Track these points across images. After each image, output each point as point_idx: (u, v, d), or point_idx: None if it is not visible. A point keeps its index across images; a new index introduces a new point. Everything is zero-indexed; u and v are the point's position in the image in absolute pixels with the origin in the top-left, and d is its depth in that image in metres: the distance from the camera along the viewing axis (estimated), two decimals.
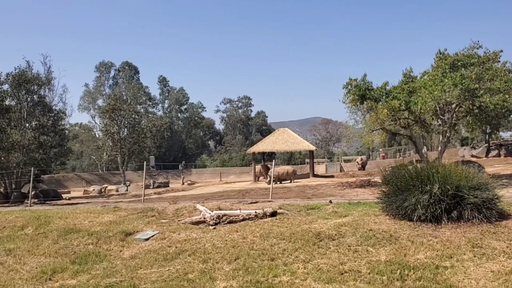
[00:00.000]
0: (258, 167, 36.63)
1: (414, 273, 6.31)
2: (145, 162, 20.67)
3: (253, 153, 36.49)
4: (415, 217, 7.87)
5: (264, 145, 35.63)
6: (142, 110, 57.14)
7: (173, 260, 7.73)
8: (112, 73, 70.89)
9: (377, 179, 27.70)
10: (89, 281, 7.13)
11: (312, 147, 36.70)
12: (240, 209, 10.56)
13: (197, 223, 9.93)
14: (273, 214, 9.84)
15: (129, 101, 47.85)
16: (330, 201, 11.84)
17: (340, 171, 52.61)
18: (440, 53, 24.31)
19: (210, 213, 9.99)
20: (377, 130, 24.80)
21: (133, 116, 46.77)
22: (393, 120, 23.66)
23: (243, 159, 76.95)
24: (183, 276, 6.98)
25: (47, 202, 25.31)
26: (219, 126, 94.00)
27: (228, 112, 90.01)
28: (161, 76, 79.08)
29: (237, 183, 39.58)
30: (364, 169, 45.29)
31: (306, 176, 35.79)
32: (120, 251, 8.61)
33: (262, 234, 8.38)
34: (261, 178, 37.02)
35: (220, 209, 11.02)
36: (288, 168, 34.87)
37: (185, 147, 76.24)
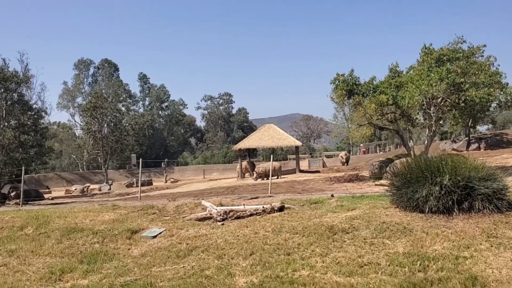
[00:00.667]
0: (244, 164, 36.55)
1: (434, 264, 6.33)
2: (141, 160, 20.35)
3: (239, 149, 36.37)
4: (426, 209, 7.90)
5: (250, 141, 35.57)
6: (123, 108, 56.32)
7: (186, 257, 7.60)
8: (91, 70, 69.84)
9: (365, 173, 28.00)
10: (101, 280, 6.94)
11: (298, 143, 36.83)
12: (244, 204, 10.47)
13: (203, 219, 9.80)
14: (281, 208, 9.78)
15: (110, 98, 47.11)
16: (332, 195, 11.85)
17: (323, 166, 52.89)
18: (426, 48, 24.60)
19: (216, 209, 9.86)
20: (365, 125, 24.94)
21: (115, 114, 46.11)
22: (381, 115, 23.86)
23: (225, 156, 76.74)
24: (199, 272, 6.86)
25: (30, 202, 24.73)
26: (200, 123, 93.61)
27: (209, 109, 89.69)
28: (141, 73, 78.31)
29: (222, 180, 39.41)
30: (347, 164, 45.64)
31: (291, 171, 35.88)
32: (129, 249, 8.43)
33: (274, 229, 8.31)
34: (246, 174, 36.96)
35: (222, 205, 10.91)
36: (275, 164, 34.87)
37: (166, 144, 75.64)
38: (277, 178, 31.96)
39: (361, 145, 78.64)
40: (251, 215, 9.52)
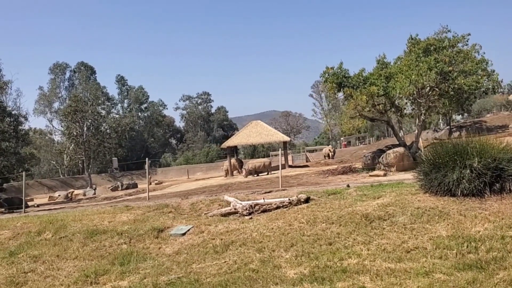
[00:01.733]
0: (232, 162, 36.33)
1: (482, 244, 6.37)
2: (147, 160, 19.97)
3: (228, 147, 36.13)
4: (458, 192, 7.97)
5: (238, 139, 35.38)
6: (104, 111, 55.29)
7: (224, 252, 7.46)
8: (68, 74, 68.13)
9: (357, 165, 28.19)
10: (142, 280, 6.74)
11: (287, 138, 36.84)
12: (264, 198, 10.37)
13: (227, 214, 9.66)
14: (307, 200, 9.71)
15: (91, 102, 46.19)
16: (348, 185, 11.84)
17: (306, 161, 53.11)
18: (412, 39, 24.92)
19: (241, 204, 9.73)
20: (357, 117, 25.09)
21: (96, 117, 45.24)
22: (373, 106, 24.06)
23: (207, 155, 76.29)
24: (244, 266, 6.73)
25: (16, 210, 23.91)
26: (180, 123, 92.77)
27: (188, 109, 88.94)
28: (119, 75, 77.01)
29: (210, 179, 39.08)
30: (333, 158, 45.91)
31: (278, 168, 35.86)
32: (159, 248, 8.22)
33: (308, 220, 8.24)
34: (234, 172, 36.75)
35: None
36: (265, 160, 34.83)
37: (147, 146, 74.66)
38: (267, 174, 31.89)
39: (342, 138, 79.47)
40: (277, 208, 9.42)
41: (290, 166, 36.28)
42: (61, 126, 53.14)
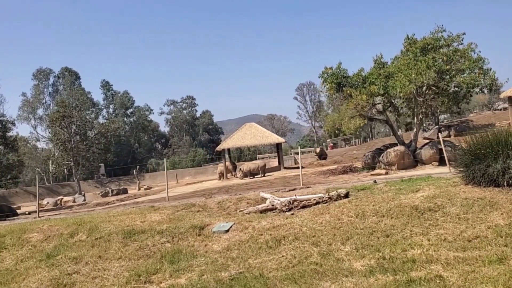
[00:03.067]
0: (224, 165, 36.13)
1: None
2: (165, 161, 19.68)
3: (223, 150, 35.91)
4: (504, 182, 8.03)
5: (233, 141, 35.24)
6: (92, 116, 54.41)
7: (278, 247, 7.34)
8: (52, 80, 66.84)
9: (357, 164, 28.33)
10: (201, 277, 6.57)
11: (281, 140, 36.91)
12: (295, 195, 10.29)
13: (265, 211, 9.55)
14: (346, 195, 9.67)
15: (79, 107, 45.42)
16: (375, 181, 11.86)
17: (295, 163, 53.18)
18: (409, 38, 25.22)
19: (279, 200, 9.63)
20: (356, 116, 25.22)
21: (84, 122, 44.51)
22: (373, 105, 24.25)
23: (194, 159, 75.85)
24: (304, 260, 6.64)
25: (8, 218, 23.17)
26: (164, 128, 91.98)
27: (172, 113, 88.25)
28: (104, 80, 76.06)
29: (204, 182, 38.73)
30: (326, 159, 46.05)
31: (275, 169, 35.87)
32: (206, 245, 8.05)
33: (356, 213, 8.19)
34: (228, 175, 36.53)
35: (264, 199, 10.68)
36: (259, 162, 34.82)
37: (134, 151, 73.76)
38: (262, 176, 31.81)
39: (328, 140, 79.98)
40: (317, 203, 9.35)
41: (286, 168, 36.27)
42: (49, 133, 52.05)
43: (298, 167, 38.48)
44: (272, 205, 9.66)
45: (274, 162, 51.57)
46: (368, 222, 7.73)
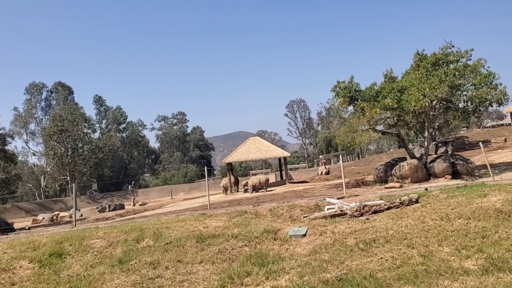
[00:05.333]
0: (228, 179, 35.83)
1: None
2: (206, 168, 19.34)
3: (228, 164, 35.65)
4: None
5: (238, 155, 35.05)
6: (89, 130, 53.75)
7: (370, 249, 7.21)
8: (44, 94, 65.91)
9: (369, 178, 28.37)
10: (302, 278, 6.34)
11: (287, 154, 36.84)
12: (355, 201, 10.21)
13: (333, 216, 9.42)
14: (417, 200, 9.63)
15: (76, 121, 44.85)
16: (426, 189, 11.85)
17: (290, 179, 53.16)
18: (418, 54, 25.62)
19: (349, 205, 9.54)
20: (368, 130, 25.35)
21: (82, 136, 43.94)
22: (388, 118, 24.46)
23: (186, 175, 75.19)
24: (407, 261, 6.52)
25: (5, 233, 22.40)
26: (155, 144, 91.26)
27: (163, 129, 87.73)
28: (96, 95, 75.46)
29: (206, 196, 38.13)
30: (328, 174, 46.14)
31: (279, 184, 35.75)
32: (287, 248, 7.87)
33: (440, 217, 8.12)
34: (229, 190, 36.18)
35: (318, 206, 10.58)
36: (261, 177, 34.73)
37: (126, 167, 72.83)
38: (265, 191, 31.59)
39: (320, 157, 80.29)
40: (388, 208, 9.29)
41: (291, 182, 36.19)
42: (45, 147, 51.08)
43: (303, 182, 38.49)
44: (341, 211, 9.56)
45: (270, 177, 51.49)
46: (456, 225, 7.66)
